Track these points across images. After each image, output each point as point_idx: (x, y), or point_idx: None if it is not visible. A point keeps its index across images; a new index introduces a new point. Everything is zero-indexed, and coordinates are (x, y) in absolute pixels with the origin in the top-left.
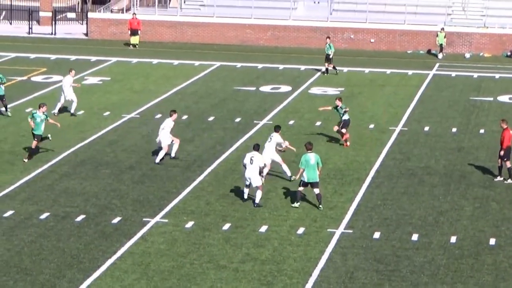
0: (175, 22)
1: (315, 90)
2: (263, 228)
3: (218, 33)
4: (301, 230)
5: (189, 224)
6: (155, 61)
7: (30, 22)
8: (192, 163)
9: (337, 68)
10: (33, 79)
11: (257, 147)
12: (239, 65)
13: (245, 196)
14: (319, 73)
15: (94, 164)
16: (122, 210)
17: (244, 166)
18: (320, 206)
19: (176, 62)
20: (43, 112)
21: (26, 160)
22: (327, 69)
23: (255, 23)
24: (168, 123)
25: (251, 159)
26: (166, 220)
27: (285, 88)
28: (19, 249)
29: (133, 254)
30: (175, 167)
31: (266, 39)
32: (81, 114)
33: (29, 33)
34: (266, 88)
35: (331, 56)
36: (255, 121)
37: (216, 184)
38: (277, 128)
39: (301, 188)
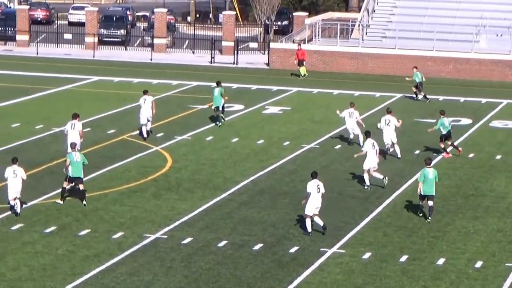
0: (357, 53)
1: (496, 123)
2: (441, 261)
3: (400, 64)
4: (479, 264)
5: (366, 255)
6: (335, 91)
7: (213, 51)
8: (371, 194)
9: (428, 97)
10: None
11: (316, 175)
12: (419, 97)
13: (309, 229)
14: (500, 106)
15: (273, 193)
16: (300, 239)
17: (307, 195)
18: (429, 218)
19: (356, 93)
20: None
21: (60, 202)
22: (424, 95)
23: (436, 55)
24: (394, 122)
25: (318, 188)
26: (343, 251)
27: (465, 121)
28: (196, 276)
29: (309, 284)
30: (353, 198)
31: (447, 71)
32: (261, 143)
33: (211, 62)
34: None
35: (418, 84)
36: (434, 154)
37: (394, 215)
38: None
39: (422, 202)
